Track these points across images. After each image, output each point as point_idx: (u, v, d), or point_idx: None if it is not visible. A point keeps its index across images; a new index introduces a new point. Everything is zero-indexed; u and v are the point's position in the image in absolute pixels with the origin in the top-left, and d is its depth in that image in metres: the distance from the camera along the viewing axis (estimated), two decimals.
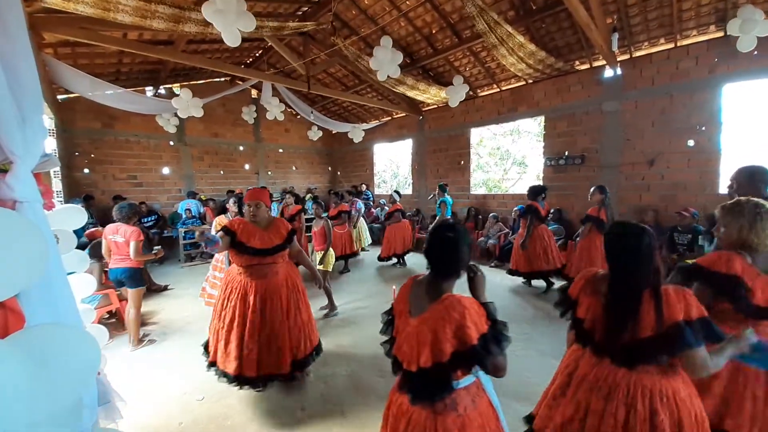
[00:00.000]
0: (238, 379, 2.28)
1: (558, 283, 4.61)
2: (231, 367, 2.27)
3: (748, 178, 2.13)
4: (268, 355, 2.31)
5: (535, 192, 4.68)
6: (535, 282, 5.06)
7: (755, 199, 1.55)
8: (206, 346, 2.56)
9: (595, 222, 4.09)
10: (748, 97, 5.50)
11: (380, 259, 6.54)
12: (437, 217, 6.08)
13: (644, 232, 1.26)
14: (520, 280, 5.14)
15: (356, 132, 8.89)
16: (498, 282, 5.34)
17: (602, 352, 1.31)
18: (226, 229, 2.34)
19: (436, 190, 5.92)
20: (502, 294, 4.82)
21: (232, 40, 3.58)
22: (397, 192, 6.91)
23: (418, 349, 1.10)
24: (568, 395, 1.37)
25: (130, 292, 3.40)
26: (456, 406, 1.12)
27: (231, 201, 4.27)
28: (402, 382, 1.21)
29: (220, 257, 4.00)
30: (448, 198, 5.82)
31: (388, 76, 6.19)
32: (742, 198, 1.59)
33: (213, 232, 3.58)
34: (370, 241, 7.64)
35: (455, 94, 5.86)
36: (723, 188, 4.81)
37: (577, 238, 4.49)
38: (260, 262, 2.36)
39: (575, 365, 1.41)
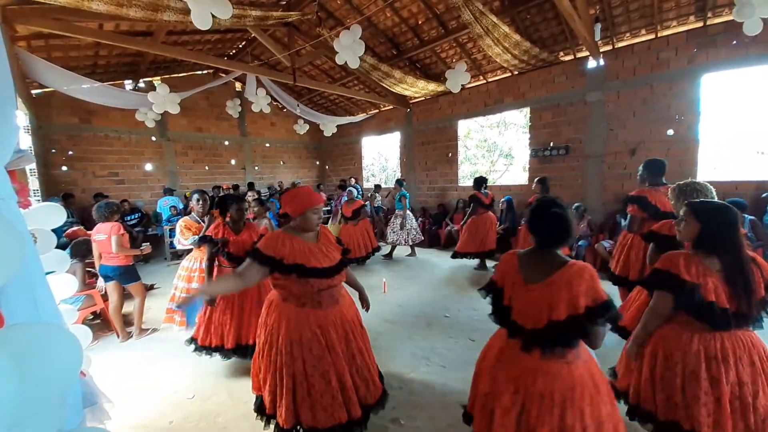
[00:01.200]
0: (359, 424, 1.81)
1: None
2: (344, 414, 1.74)
3: (650, 169, 2.93)
4: (367, 388, 1.88)
5: (478, 183, 5.41)
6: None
7: (696, 181, 1.99)
8: (260, 406, 1.88)
9: None
10: (726, 86, 5.66)
11: None
12: (397, 211, 6.31)
13: (734, 211, 1.48)
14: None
15: (328, 126, 8.69)
16: (481, 273, 5.44)
17: (740, 323, 1.45)
18: (259, 255, 1.65)
19: (393, 185, 6.42)
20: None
21: (202, 24, 3.38)
22: (355, 187, 6.92)
23: (549, 308, 1.25)
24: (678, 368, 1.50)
25: (129, 287, 3.53)
26: (580, 355, 1.32)
27: (194, 198, 3.34)
28: (526, 342, 1.33)
29: (190, 264, 3.37)
30: (405, 192, 6.38)
31: (377, 69, 6.19)
32: (685, 182, 2.03)
33: (178, 235, 3.29)
34: None
35: (455, 78, 5.56)
36: (701, 176, 4.97)
37: (522, 222, 5.15)
38: (329, 285, 1.78)
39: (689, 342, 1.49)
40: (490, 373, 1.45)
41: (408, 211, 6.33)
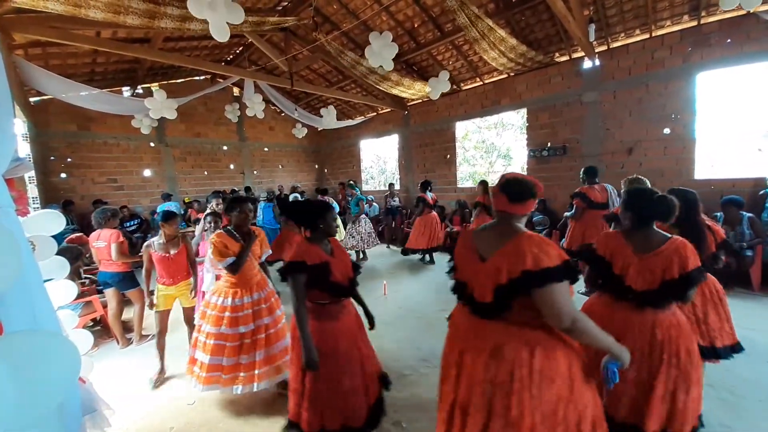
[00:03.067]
0: None
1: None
2: None
3: (588, 173, 4.26)
4: None
5: (424, 186, 6.09)
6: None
7: (638, 176, 2.89)
8: None
9: (483, 207, 5.40)
10: (721, 85, 5.68)
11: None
12: (354, 214, 6.41)
13: (691, 195, 2.11)
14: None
15: (326, 119, 7.99)
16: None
17: None
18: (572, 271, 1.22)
19: (347, 189, 6.77)
20: None
21: (221, 36, 3.54)
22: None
23: (662, 272, 1.57)
24: None
25: (128, 294, 3.53)
26: (674, 307, 1.65)
27: (236, 211, 2.52)
28: (640, 302, 1.61)
29: (220, 300, 2.44)
30: (362, 195, 6.80)
31: (374, 72, 6.22)
32: (630, 177, 2.93)
33: (211, 258, 2.44)
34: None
35: (436, 87, 5.82)
36: (698, 174, 4.99)
37: (471, 219, 5.89)
38: None
39: None
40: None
41: (364, 216, 6.48)
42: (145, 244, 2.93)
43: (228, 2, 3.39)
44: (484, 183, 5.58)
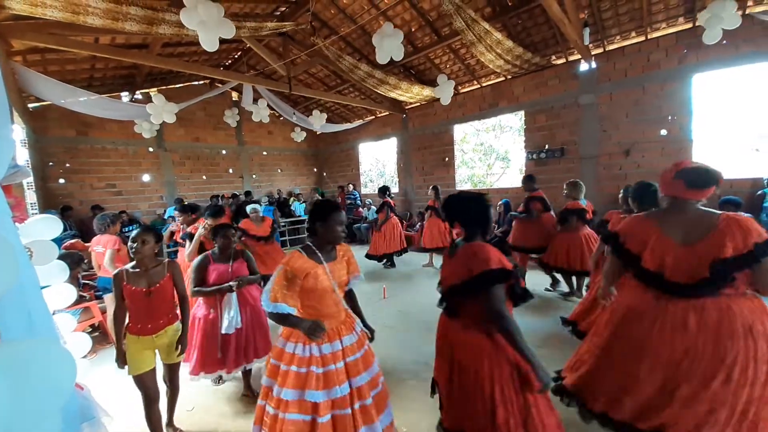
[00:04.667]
0: None
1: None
2: None
3: (531, 180, 4.71)
4: None
5: (383, 190, 6.22)
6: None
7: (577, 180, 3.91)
8: None
9: (434, 210, 5.88)
10: (717, 86, 5.70)
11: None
12: None
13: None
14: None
15: (317, 120, 7.87)
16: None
17: None
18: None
19: (314, 194, 6.82)
20: None
21: (211, 47, 3.61)
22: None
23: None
24: None
25: None
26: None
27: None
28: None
29: (298, 347, 1.59)
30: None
31: (372, 76, 6.25)
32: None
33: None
34: None
35: (443, 92, 5.83)
36: None
37: (424, 222, 6.37)
38: None
39: None
40: None
41: None
42: (114, 273, 2.03)
43: (220, 20, 3.42)
44: (436, 188, 6.05)
